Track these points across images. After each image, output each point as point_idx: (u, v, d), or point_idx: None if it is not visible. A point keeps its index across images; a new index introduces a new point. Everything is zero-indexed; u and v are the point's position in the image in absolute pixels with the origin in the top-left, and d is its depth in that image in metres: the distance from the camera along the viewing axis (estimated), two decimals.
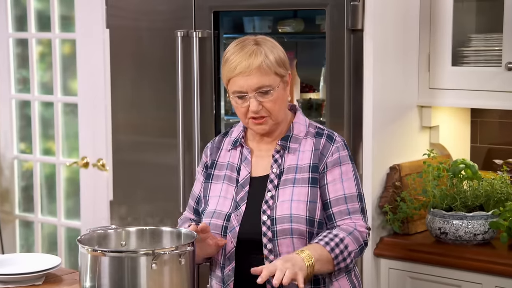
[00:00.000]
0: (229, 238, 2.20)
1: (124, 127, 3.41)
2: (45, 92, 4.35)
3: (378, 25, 2.82)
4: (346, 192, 2.20)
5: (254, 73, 2.14)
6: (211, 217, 2.24)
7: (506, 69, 2.84)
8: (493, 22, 2.98)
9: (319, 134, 2.25)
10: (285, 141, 2.24)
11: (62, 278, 2.51)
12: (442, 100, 3.01)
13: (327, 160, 2.21)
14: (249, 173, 2.24)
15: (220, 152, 2.32)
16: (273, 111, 2.18)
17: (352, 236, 2.16)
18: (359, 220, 2.20)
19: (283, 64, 2.20)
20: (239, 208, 2.21)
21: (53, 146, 4.33)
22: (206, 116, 3.15)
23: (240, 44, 2.20)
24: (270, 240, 2.16)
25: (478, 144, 3.22)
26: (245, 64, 2.14)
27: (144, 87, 3.33)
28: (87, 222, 4.08)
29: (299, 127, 2.26)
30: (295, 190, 2.18)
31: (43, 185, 4.44)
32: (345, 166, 2.22)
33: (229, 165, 2.28)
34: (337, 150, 2.22)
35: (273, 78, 2.17)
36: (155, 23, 3.26)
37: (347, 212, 2.19)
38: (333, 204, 2.19)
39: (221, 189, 2.26)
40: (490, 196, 2.77)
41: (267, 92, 2.16)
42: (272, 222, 2.16)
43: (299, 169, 2.20)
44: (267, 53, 2.16)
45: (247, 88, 2.16)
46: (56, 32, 4.22)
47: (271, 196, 2.19)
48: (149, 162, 3.34)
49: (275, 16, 3.26)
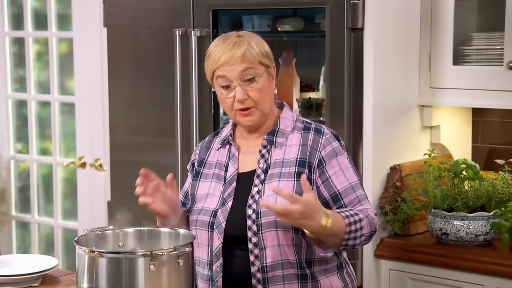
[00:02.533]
0: (216, 234, 2.21)
1: (122, 127, 3.42)
2: (42, 91, 4.36)
3: (378, 23, 2.84)
4: (350, 181, 2.22)
5: (238, 62, 2.18)
6: (198, 214, 2.26)
7: (507, 68, 2.85)
8: (495, 21, 2.99)
9: (306, 128, 2.27)
10: (272, 135, 2.26)
11: (59, 279, 2.52)
12: (443, 100, 3.02)
13: (321, 154, 2.22)
14: (236, 170, 2.26)
15: (210, 151, 2.34)
16: (259, 100, 2.21)
17: (368, 220, 2.19)
18: (368, 205, 2.23)
19: (267, 55, 2.23)
20: (225, 204, 2.23)
21: (50, 146, 4.34)
22: (204, 116, 3.16)
23: (222, 38, 2.24)
24: (255, 233, 2.17)
25: (479, 144, 3.23)
26: (228, 54, 2.18)
27: (142, 87, 3.34)
28: (85, 223, 4.08)
29: (285, 121, 2.28)
30: (281, 183, 2.19)
31: (40, 185, 4.45)
32: (341, 157, 2.23)
33: (217, 164, 2.30)
34: (328, 142, 2.23)
35: (258, 67, 2.20)
36: (153, 21, 3.27)
37: (357, 201, 2.22)
38: (343, 195, 2.21)
39: (209, 187, 2.28)
40: (492, 197, 2.78)
41: (252, 79, 2.19)
42: (257, 215, 2.18)
43: (285, 163, 2.22)
44: (250, 43, 2.20)
45: (232, 77, 2.19)
46: (53, 31, 4.22)
47: (257, 191, 2.21)
48: (147, 162, 3.34)
49: (274, 15, 3.27)
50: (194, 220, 2.27)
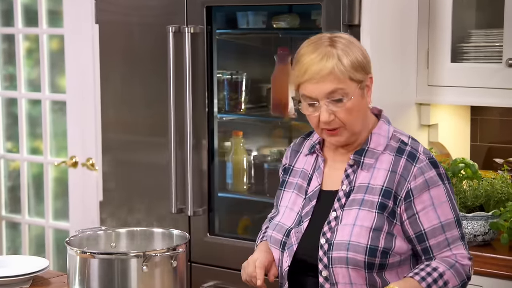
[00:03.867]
0: (286, 256, 2.08)
1: (114, 125, 3.40)
2: (33, 89, 4.34)
3: (375, 20, 2.82)
4: (442, 220, 2.00)
5: (325, 79, 1.97)
6: (273, 229, 2.13)
7: (507, 66, 2.84)
8: (494, 17, 2.99)
9: (400, 150, 2.04)
10: (359, 155, 2.05)
11: (50, 281, 2.51)
12: (441, 98, 3.01)
13: (410, 185, 2.00)
14: (319, 185, 2.10)
15: (299, 156, 2.19)
16: (348, 121, 2.00)
17: (454, 270, 1.98)
18: (460, 249, 2.02)
19: (361, 68, 2.01)
20: (301, 224, 2.08)
21: (41, 145, 4.32)
22: (198, 114, 3.15)
23: (314, 44, 2.04)
24: (326, 266, 2.01)
25: (478, 143, 3.23)
26: (315, 68, 1.98)
27: (135, 84, 3.32)
28: (76, 224, 4.07)
29: (378, 139, 2.07)
30: (361, 213, 2.01)
31: (31, 185, 4.43)
32: (435, 190, 2.00)
33: (302, 173, 2.15)
34: (421, 171, 2.00)
35: (348, 84, 1.99)
36: (146, 18, 3.26)
37: (446, 244, 2.01)
38: (429, 236, 1.99)
39: (289, 199, 2.14)
40: (491, 196, 2.77)
41: (340, 100, 1.99)
42: (329, 247, 2.01)
43: (370, 189, 2.03)
44: (340, 56, 1.99)
45: (318, 95, 1.99)
46: (43, 28, 4.21)
47: (335, 217, 2.04)
48: (140, 161, 3.34)
49: (270, 11, 3.26)
50: (269, 236, 2.14)
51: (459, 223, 2.03)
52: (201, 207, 3.18)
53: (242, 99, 3.31)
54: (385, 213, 2.01)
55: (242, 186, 3.31)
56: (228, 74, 3.31)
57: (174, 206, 3.18)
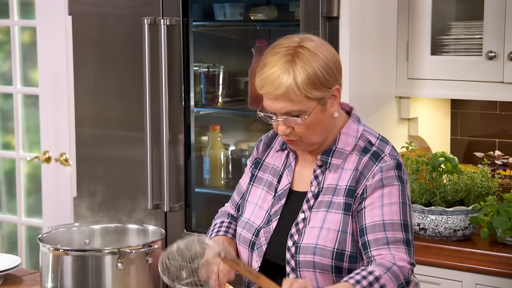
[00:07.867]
0: (255, 256, 2.08)
1: (88, 120, 3.40)
2: (4, 83, 4.32)
3: (354, 12, 2.84)
4: (385, 218, 1.96)
5: (280, 99, 1.94)
6: (242, 228, 2.12)
7: (487, 58, 2.87)
8: (474, 10, 3.01)
9: (365, 150, 2.02)
10: (327, 155, 2.04)
11: (22, 279, 2.50)
12: (421, 91, 3.03)
13: (367, 182, 1.99)
14: (289, 184, 2.09)
15: (270, 151, 2.17)
16: (304, 136, 1.99)
17: (391, 273, 1.92)
18: (400, 253, 1.94)
19: (321, 84, 1.94)
20: (270, 224, 2.07)
21: (13, 140, 4.31)
22: (174, 108, 3.15)
23: (278, 54, 1.96)
24: (293, 269, 2.01)
25: (458, 137, 3.26)
26: (271, 86, 1.93)
27: (109, 78, 3.32)
28: (49, 220, 4.06)
29: (346, 139, 2.04)
30: (328, 216, 2.00)
31: (2, 181, 4.41)
32: (388, 188, 1.98)
33: (272, 169, 2.14)
34: (380, 170, 1.98)
35: (304, 104, 1.94)
36: (120, 9, 3.25)
37: (385, 242, 1.95)
38: (369, 231, 1.96)
39: (259, 196, 2.13)
40: (471, 191, 2.80)
41: (298, 116, 1.96)
42: (296, 250, 2.01)
43: (337, 190, 2.02)
44: (297, 75, 1.92)
45: (274, 111, 1.97)
46: (15, 19, 4.19)
47: (303, 219, 2.03)
48: (114, 157, 3.34)
49: (247, 3, 3.27)
50: (238, 235, 2.13)
51: (406, 228, 1.97)
52: (177, 203, 3.19)
53: (219, 92, 3.32)
54: (350, 212, 2.00)
55: (220, 181, 3.33)
56: (205, 67, 3.32)
57: (150, 202, 3.19)
